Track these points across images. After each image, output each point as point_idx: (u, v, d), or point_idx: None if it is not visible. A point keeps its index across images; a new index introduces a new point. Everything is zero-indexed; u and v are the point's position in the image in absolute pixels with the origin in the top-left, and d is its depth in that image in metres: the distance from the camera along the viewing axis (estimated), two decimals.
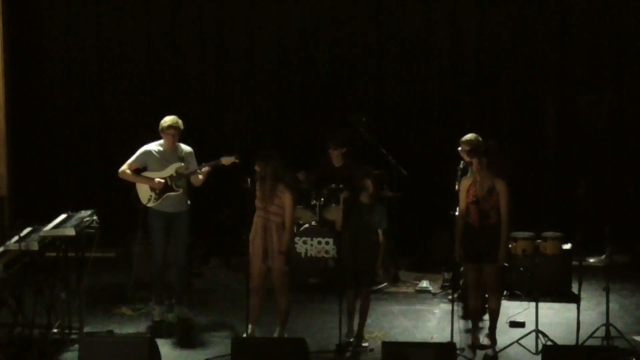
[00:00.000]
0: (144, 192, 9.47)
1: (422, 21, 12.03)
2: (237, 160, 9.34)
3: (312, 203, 10.65)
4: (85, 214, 8.98)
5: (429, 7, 12.02)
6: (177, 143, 9.49)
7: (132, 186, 9.51)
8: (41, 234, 8.49)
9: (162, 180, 9.39)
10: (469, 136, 9.43)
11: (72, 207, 9.19)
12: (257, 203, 8.63)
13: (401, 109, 12.15)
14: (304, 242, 10.53)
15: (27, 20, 12.22)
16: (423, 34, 12.04)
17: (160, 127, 9.42)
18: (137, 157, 9.47)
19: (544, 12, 11.88)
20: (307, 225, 10.63)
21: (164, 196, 9.43)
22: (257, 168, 8.59)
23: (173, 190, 9.43)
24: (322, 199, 10.61)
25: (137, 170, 9.48)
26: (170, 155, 9.45)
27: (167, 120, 9.42)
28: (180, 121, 9.42)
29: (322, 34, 12.15)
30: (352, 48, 12.13)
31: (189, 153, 9.55)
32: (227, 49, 12.25)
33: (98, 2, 12.26)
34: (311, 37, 12.17)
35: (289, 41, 12.19)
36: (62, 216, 8.95)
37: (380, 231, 8.69)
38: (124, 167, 9.47)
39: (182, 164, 9.44)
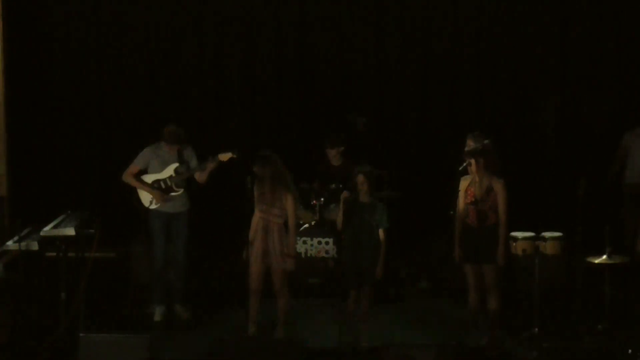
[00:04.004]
0: (145, 195, 9.49)
1: (422, 21, 12.03)
2: (234, 156, 9.36)
3: (312, 203, 10.65)
4: (85, 214, 8.99)
5: (429, 7, 12.02)
6: None
7: (133, 188, 9.53)
8: (41, 234, 8.49)
9: (159, 193, 9.40)
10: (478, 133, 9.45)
11: (72, 207, 9.20)
12: (257, 204, 8.63)
13: (401, 108, 12.15)
14: (304, 242, 10.54)
15: (27, 20, 12.21)
16: (423, 33, 12.05)
17: (164, 136, 9.40)
18: (139, 160, 9.50)
19: (544, 11, 11.88)
20: (307, 225, 10.63)
21: (166, 197, 9.45)
22: (255, 170, 8.60)
23: (173, 191, 9.45)
24: (322, 199, 10.61)
25: (140, 173, 9.50)
26: (169, 156, 9.46)
27: (172, 134, 9.38)
28: (183, 134, 9.43)
29: (321, 34, 12.14)
30: (352, 48, 12.13)
31: (189, 153, 9.56)
32: (226, 48, 12.24)
33: (98, 2, 12.25)
34: (311, 37, 12.16)
35: (289, 41, 12.18)
36: (62, 216, 8.95)
37: (381, 230, 8.69)
38: (127, 171, 9.48)
39: (181, 164, 9.46)
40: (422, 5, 12.02)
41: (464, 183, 8.62)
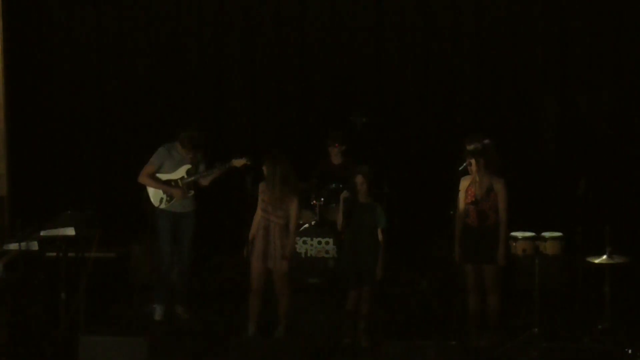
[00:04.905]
0: (155, 194, 9.47)
1: (422, 21, 12.03)
2: (248, 163, 9.36)
3: (312, 203, 10.65)
4: (85, 214, 8.98)
5: (429, 7, 12.01)
6: None
7: (142, 188, 9.51)
8: (41, 234, 8.49)
9: (180, 191, 9.39)
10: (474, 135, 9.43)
11: (72, 207, 9.19)
12: (261, 204, 8.62)
13: (401, 108, 12.15)
14: (304, 242, 10.54)
15: (27, 20, 12.21)
16: (423, 33, 12.04)
17: (181, 140, 9.37)
18: (154, 160, 9.46)
19: (544, 11, 11.88)
20: (307, 225, 10.63)
21: (186, 195, 9.47)
22: (264, 169, 8.58)
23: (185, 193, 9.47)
24: (322, 199, 10.61)
25: (153, 175, 9.48)
26: (183, 158, 9.46)
27: (191, 140, 9.35)
28: (202, 140, 9.41)
29: (322, 34, 12.14)
30: (353, 48, 12.12)
31: (199, 156, 9.56)
32: (226, 49, 12.24)
33: (98, 2, 12.25)
34: (311, 37, 12.16)
35: (289, 41, 12.18)
36: (62, 216, 8.94)
37: (379, 230, 8.69)
38: (143, 173, 9.44)
39: (192, 166, 9.46)
40: (422, 5, 12.02)
41: (464, 183, 8.62)
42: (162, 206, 9.45)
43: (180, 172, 9.45)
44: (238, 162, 9.37)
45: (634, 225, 11.43)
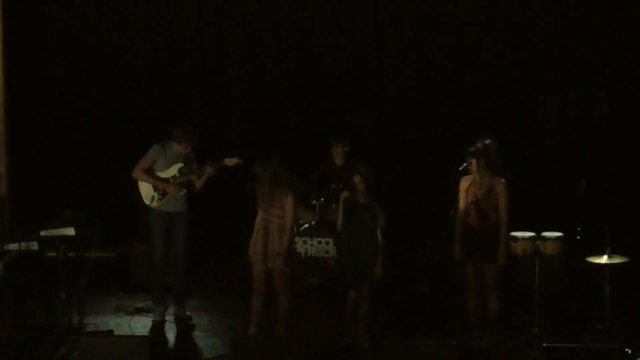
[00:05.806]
0: (147, 192, 9.48)
1: (422, 21, 12.03)
2: (240, 162, 9.37)
3: (312, 203, 10.65)
4: (85, 214, 8.98)
5: (429, 7, 12.01)
6: None
7: (136, 187, 9.52)
8: (41, 234, 8.49)
9: (174, 187, 9.39)
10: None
11: (72, 207, 9.19)
12: (260, 205, 8.64)
13: (402, 109, 12.15)
14: (304, 242, 10.54)
15: (27, 20, 12.21)
16: (424, 33, 12.04)
17: (175, 135, 9.40)
18: (149, 156, 9.47)
19: (544, 11, 11.88)
20: (307, 225, 10.63)
21: (168, 196, 9.45)
22: (256, 170, 8.61)
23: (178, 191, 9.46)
24: (322, 199, 10.61)
25: (147, 170, 9.49)
26: (175, 156, 9.47)
27: (183, 132, 9.39)
28: (193, 133, 9.44)
29: (322, 34, 12.14)
30: (353, 48, 12.13)
31: (192, 155, 9.57)
32: (226, 48, 12.24)
33: (98, 3, 12.25)
34: (311, 37, 12.16)
35: (289, 41, 12.18)
36: (62, 216, 8.94)
37: (378, 230, 8.70)
38: (138, 167, 9.45)
39: (184, 165, 9.47)
40: (422, 4, 12.01)
41: (464, 183, 8.62)
42: (154, 205, 9.46)
43: (173, 171, 9.46)
44: (230, 161, 9.38)
45: (634, 225, 11.44)
